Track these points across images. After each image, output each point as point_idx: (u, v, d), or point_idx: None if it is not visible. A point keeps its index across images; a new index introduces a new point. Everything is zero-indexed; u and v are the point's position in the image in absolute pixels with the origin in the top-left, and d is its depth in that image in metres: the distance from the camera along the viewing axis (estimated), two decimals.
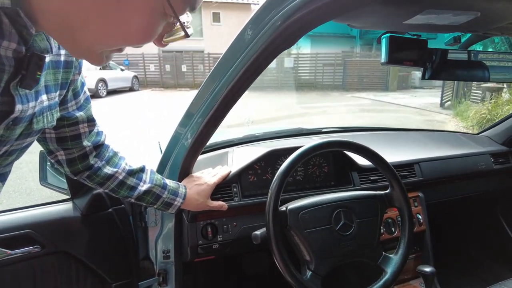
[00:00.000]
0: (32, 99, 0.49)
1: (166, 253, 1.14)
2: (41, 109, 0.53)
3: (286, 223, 0.92)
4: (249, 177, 1.20)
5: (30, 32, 0.41)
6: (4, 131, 0.47)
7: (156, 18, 0.41)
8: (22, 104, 0.46)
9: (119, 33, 0.42)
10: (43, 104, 0.53)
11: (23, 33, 0.41)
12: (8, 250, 0.91)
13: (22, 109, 0.47)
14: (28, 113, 0.49)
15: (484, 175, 1.62)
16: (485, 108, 7.27)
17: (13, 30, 0.40)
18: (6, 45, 0.40)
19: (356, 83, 14.87)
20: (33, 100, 0.49)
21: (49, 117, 0.57)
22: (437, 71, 1.01)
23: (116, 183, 0.86)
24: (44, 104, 0.53)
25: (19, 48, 0.42)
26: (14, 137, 0.50)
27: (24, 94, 0.47)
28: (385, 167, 1.02)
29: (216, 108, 0.87)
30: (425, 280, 1.18)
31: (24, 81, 0.44)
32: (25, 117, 0.49)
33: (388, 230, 1.31)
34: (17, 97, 0.45)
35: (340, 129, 1.82)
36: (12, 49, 0.41)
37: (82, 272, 1.07)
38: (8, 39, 0.40)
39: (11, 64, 0.42)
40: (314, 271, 0.91)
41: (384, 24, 0.78)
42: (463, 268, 1.92)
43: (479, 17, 0.64)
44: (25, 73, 0.43)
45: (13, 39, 0.40)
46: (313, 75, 15.40)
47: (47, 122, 0.56)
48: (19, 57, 0.42)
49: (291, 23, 0.54)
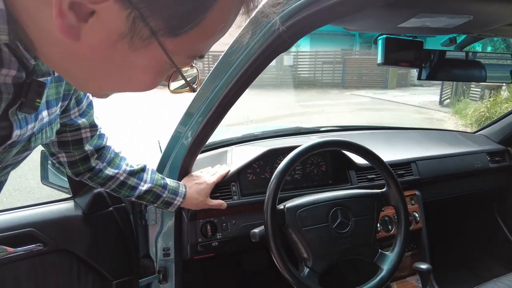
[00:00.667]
0: (31, 121, 0.48)
1: (166, 250, 1.15)
2: (40, 127, 0.52)
3: (284, 221, 0.94)
4: (248, 176, 1.22)
5: (30, 63, 0.41)
6: (1, 154, 0.46)
7: (161, 74, 0.41)
8: (20, 129, 0.46)
9: (122, 87, 0.41)
10: (43, 121, 0.52)
11: (23, 61, 0.40)
12: (11, 248, 0.92)
13: (20, 134, 0.46)
14: (26, 134, 0.48)
15: (480, 174, 1.63)
16: (484, 106, 7.29)
17: (13, 58, 0.39)
18: (5, 72, 0.39)
19: (355, 81, 14.87)
20: (32, 122, 0.49)
21: (48, 133, 0.56)
22: (434, 71, 1.03)
23: (117, 184, 0.88)
24: (44, 120, 0.53)
25: (19, 74, 0.41)
26: (11, 156, 0.49)
27: (23, 118, 0.46)
28: (381, 166, 1.04)
29: (216, 107, 0.88)
30: (421, 276, 1.21)
31: (23, 108, 0.43)
32: (23, 139, 0.48)
33: (385, 228, 1.33)
34: (15, 123, 0.44)
35: (338, 128, 1.83)
36: (12, 76, 0.40)
37: (83, 269, 1.09)
38: (8, 67, 0.39)
39: (10, 91, 0.41)
40: (311, 268, 0.92)
41: (379, 27, 0.79)
42: (460, 265, 1.94)
43: (472, 20, 0.66)
44: (24, 100, 0.42)
45: (13, 66, 0.39)
46: (313, 73, 15.40)
47: (45, 138, 0.56)
48: (19, 82, 0.42)
49: (288, 27, 0.56)
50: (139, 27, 0.33)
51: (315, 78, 15.26)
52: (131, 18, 0.32)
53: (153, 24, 0.33)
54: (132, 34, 0.34)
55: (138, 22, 0.33)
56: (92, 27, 0.33)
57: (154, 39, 0.34)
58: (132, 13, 0.32)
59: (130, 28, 0.33)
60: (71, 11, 0.31)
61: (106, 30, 0.33)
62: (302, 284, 0.89)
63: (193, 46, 0.38)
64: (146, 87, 0.41)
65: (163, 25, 0.34)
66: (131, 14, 0.32)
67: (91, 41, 0.34)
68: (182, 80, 0.44)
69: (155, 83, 0.41)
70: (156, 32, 0.34)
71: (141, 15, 0.32)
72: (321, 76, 15.31)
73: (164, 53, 0.36)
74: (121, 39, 0.34)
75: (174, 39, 0.35)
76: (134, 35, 0.34)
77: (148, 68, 0.38)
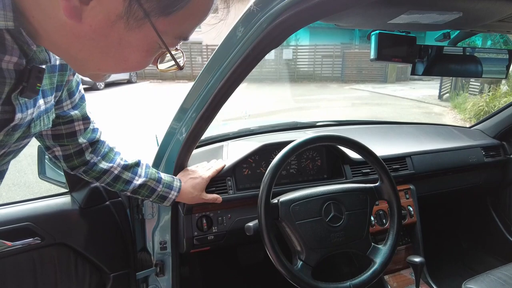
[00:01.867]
0: (30, 106, 0.52)
1: (163, 244, 1.17)
2: (38, 114, 0.55)
3: (277, 215, 0.95)
4: (243, 171, 1.23)
5: (31, 48, 0.44)
6: (4, 137, 0.49)
7: (151, 52, 0.44)
8: (21, 113, 0.49)
9: (119, 66, 0.45)
10: (40, 109, 0.56)
11: (24, 48, 0.43)
12: (9, 242, 0.94)
13: (21, 117, 0.49)
14: (27, 119, 0.51)
15: (475, 168, 1.65)
16: (483, 101, 7.28)
17: (15, 46, 0.42)
18: (8, 59, 0.42)
19: (354, 75, 14.83)
20: (31, 107, 0.52)
21: (45, 120, 0.59)
22: (429, 67, 1.03)
23: (112, 178, 0.89)
24: (41, 108, 0.56)
25: (20, 61, 0.44)
26: (13, 141, 0.52)
27: (24, 103, 0.49)
28: (374, 160, 1.05)
29: (209, 103, 0.89)
30: (414, 270, 1.23)
31: (25, 92, 0.46)
32: (24, 123, 0.51)
33: (379, 221, 1.35)
34: (17, 106, 0.48)
35: (335, 123, 1.84)
36: (14, 63, 0.43)
37: (81, 263, 1.11)
38: (10, 54, 0.42)
39: (12, 77, 0.44)
40: (304, 261, 0.94)
41: (369, 24, 0.80)
42: (454, 258, 1.97)
43: (462, 16, 0.66)
44: (26, 85, 0.46)
45: (14, 53, 0.43)
46: (312, 67, 15.34)
47: (43, 125, 0.59)
48: (20, 69, 0.45)
49: (277, 25, 0.56)
50: (134, 9, 0.38)
51: (314, 72, 15.21)
52: (128, 1, 0.37)
53: (146, 6, 0.38)
54: (128, 15, 0.38)
55: (133, 3, 0.37)
56: (93, 9, 0.37)
57: (147, 19, 0.39)
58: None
59: (126, 10, 0.38)
60: None
61: (105, 12, 0.38)
62: (295, 277, 0.90)
63: (180, 26, 0.43)
64: (139, 65, 0.45)
65: (156, 5, 0.38)
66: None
67: (91, 22, 0.38)
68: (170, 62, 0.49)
69: (147, 62, 0.46)
70: (149, 13, 0.39)
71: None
72: (320, 70, 15.25)
73: (155, 32, 0.40)
74: (118, 20, 0.39)
75: (164, 18, 0.40)
76: (130, 16, 0.38)
77: (141, 47, 0.43)
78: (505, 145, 1.74)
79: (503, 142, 1.74)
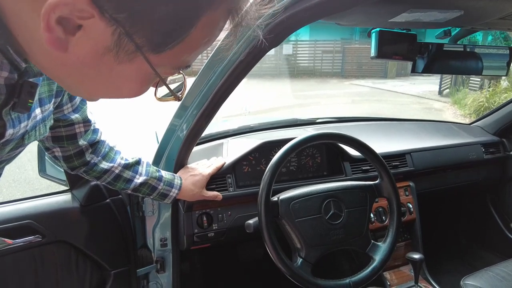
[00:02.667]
0: (24, 119, 0.49)
1: (163, 241, 1.17)
2: (34, 125, 0.53)
3: (277, 212, 0.96)
4: (243, 168, 1.23)
5: (21, 65, 0.42)
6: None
7: (146, 82, 0.42)
8: (13, 128, 0.47)
9: (112, 94, 0.42)
10: (36, 119, 0.53)
11: (14, 62, 0.41)
12: (10, 240, 0.94)
13: (13, 132, 0.47)
14: (20, 133, 0.49)
15: (474, 165, 1.65)
16: (483, 96, 7.27)
17: (4, 61, 0.40)
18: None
19: (355, 70, 14.79)
20: (25, 120, 0.50)
21: (41, 130, 0.57)
22: (429, 64, 1.03)
23: (113, 177, 0.89)
24: (38, 118, 0.54)
25: (11, 75, 0.42)
26: (5, 153, 0.50)
27: (16, 117, 0.47)
28: (374, 158, 1.05)
29: (210, 100, 0.89)
30: (413, 266, 1.23)
31: (16, 108, 0.44)
32: (17, 137, 0.49)
33: (379, 219, 1.35)
34: (8, 122, 0.45)
35: (335, 120, 1.84)
36: (4, 77, 0.41)
37: (82, 260, 1.11)
38: (0, 69, 0.40)
39: (2, 92, 0.42)
40: (304, 259, 0.94)
41: (370, 22, 0.80)
42: (453, 254, 1.98)
43: (463, 14, 0.66)
44: (17, 100, 0.44)
45: (4, 68, 0.40)
46: (312, 62, 15.29)
47: (39, 134, 0.57)
48: (11, 83, 0.43)
49: (278, 23, 0.56)
50: (124, 42, 0.34)
51: (315, 68, 15.17)
52: (117, 34, 0.33)
53: (138, 41, 0.34)
54: (118, 48, 0.35)
55: (123, 37, 0.34)
56: (79, 40, 0.34)
57: (140, 53, 0.35)
58: (117, 30, 0.33)
59: (115, 43, 0.34)
60: (59, 25, 0.32)
61: (92, 44, 0.34)
62: (295, 274, 0.91)
63: (178, 59, 0.39)
64: (133, 94, 0.43)
65: (147, 42, 0.35)
66: (116, 31, 0.33)
67: (78, 52, 0.35)
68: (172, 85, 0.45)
69: (142, 91, 0.43)
70: (141, 48, 0.35)
71: (126, 32, 0.33)
72: (320, 66, 15.20)
73: (149, 65, 0.37)
74: (108, 52, 0.35)
75: (158, 55, 0.36)
76: (120, 49, 0.35)
77: (135, 78, 0.40)
78: (505, 142, 1.74)
79: (503, 139, 1.74)
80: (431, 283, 1.40)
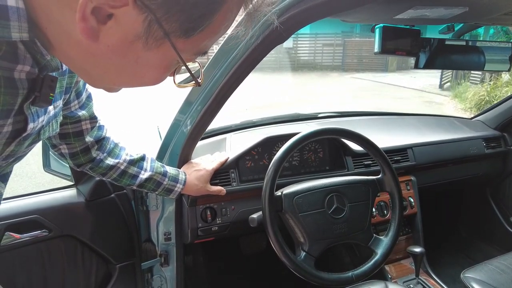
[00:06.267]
0: (41, 114, 0.51)
1: (167, 235, 1.19)
2: (48, 120, 0.54)
3: (281, 207, 0.97)
4: (247, 163, 1.24)
5: (45, 58, 0.43)
6: (15, 147, 0.48)
7: (168, 69, 0.44)
8: (33, 122, 0.48)
9: (135, 82, 0.44)
10: (49, 114, 0.54)
11: (37, 57, 0.42)
12: (17, 234, 0.95)
13: (33, 126, 0.48)
14: (38, 127, 0.51)
15: (475, 159, 1.66)
16: (484, 90, 7.25)
17: (27, 55, 0.41)
18: (20, 68, 0.41)
19: (355, 64, 14.75)
20: (42, 115, 0.51)
21: (54, 125, 0.58)
22: (432, 60, 1.03)
23: (118, 173, 0.90)
24: (51, 114, 0.55)
25: (33, 70, 0.42)
26: (23, 149, 0.51)
27: (35, 111, 0.48)
28: (376, 153, 1.06)
29: (214, 96, 0.89)
30: (414, 259, 1.25)
31: (37, 102, 0.45)
32: (35, 131, 0.50)
33: (381, 212, 1.36)
34: (29, 116, 0.46)
35: (337, 114, 1.84)
36: (26, 72, 0.42)
37: (88, 254, 1.13)
38: (23, 63, 0.41)
39: (25, 86, 0.43)
40: (307, 252, 0.96)
41: (375, 19, 0.80)
42: (453, 248, 2.00)
43: (468, 10, 0.66)
44: (38, 94, 0.45)
45: (27, 62, 0.41)
46: (313, 56, 15.24)
47: (52, 130, 0.58)
48: (33, 78, 0.43)
49: (284, 21, 0.56)
50: (154, 29, 0.36)
51: (315, 61, 15.11)
52: (147, 21, 0.35)
53: (167, 27, 0.36)
54: (147, 35, 0.36)
55: (153, 24, 0.35)
56: (110, 29, 0.35)
57: (167, 39, 0.37)
58: (148, 17, 0.34)
59: (145, 30, 0.36)
60: (92, 15, 0.33)
61: (123, 32, 0.36)
62: (298, 267, 0.92)
63: (200, 44, 0.41)
64: (156, 81, 0.44)
65: (178, 28, 0.36)
66: (147, 18, 0.35)
67: (108, 41, 0.37)
68: (186, 73, 0.46)
69: (163, 78, 0.45)
70: (169, 34, 0.37)
71: (157, 19, 0.35)
72: (321, 59, 15.15)
73: (175, 51, 0.38)
74: (137, 40, 0.37)
75: (186, 39, 0.38)
76: (149, 36, 0.37)
77: (159, 64, 0.41)
78: (506, 136, 1.75)
79: (504, 134, 1.75)
80: (432, 276, 1.41)
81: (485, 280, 1.18)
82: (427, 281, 1.34)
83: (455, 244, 2.01)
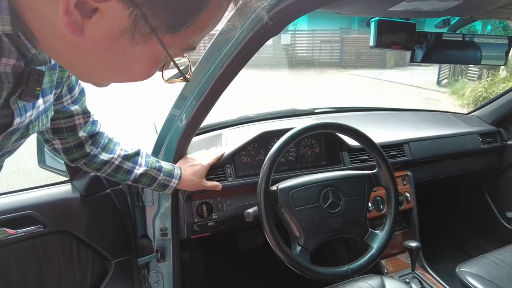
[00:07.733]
0: (29, 109, 0.50)
1: (164, 231, 1.19)
2: (37, 115, 0.54)
3: (276, 201, 0.97)
4: (243, 158, 1.24)
5: (30, 51, 0.42)
6: (1, 141, 0.48)
7: (156, 64, 0.43)
8: (20, 117, 0.47)
9: (123, 77, 0.43)
10: (39, 109, 0.54)
11: (22, 50, 0.41)
12: (11, 230, 0.95)
13: (20, 121, 0.48)
14: (25, 122, 0.50)
15: (471, 155, 1.66)
16: (481, 86, 7.26)
17: (12, 48, 0.40)
18: (5, 61, 0.40)
19: (353, 60, 14.72)
20: (30, 109, 0.50)
21: (44, 120, 0.57)
22: (428, 54, 1.03)
23: (113, 168, 0.90)
24: (40, 108, 0.54)
25: (18, 63, 0.42)
26: (10, 143, 0.51)
27: (22, 106, 0.47)
28: (372, 148, 1.06)
29: (208, 90, 0.89)
30: (410, 254, 1.25)
31: (24, 96, 0.45)
32: (22, 126, 0.50)
33: (377, 207, 1.36)
34: (16, 111, 0.46)
35: (333, 110, 1.84)
36: (11, 65, 0.41)
37: (83, 249, 1.12)
38: (7, 56, 0.40)
39: (10, 80, 0.42)
40: (303, 247, 0.96)
41: (369, 11, 0.79)
42: (449, 242, 2.01)
43: (462, 3, 0.66)
44: (24, 88, 0.44)
45: (12, 55, 0.40)
46: (310, 52, 15.19)
47: (41, 125, 0.57)
48: (19, 72, 0.43)
49: (275, 13, 0.56)
50: (140, 24, 0.35)
51: (313, 58, 15.08)
52: (133, 16, 0.35)
53: (153, 22, 0.35)
54: (133, 30, 0.36)
55: (139, 19, 0.35)
56: (95, 23, 0.35)
57: (154, 35, 0.37)
58: (134, 12, 0.34)
59: (131, 25, 0.35)
60: (76, 9, 0.33)
61: (108, 26, 0.35)
62: (294, 262, 0.92)
63: (188, 40, 0.40)
64: (144, 77, 0.44)
65: (164, 23, 0.36)
66: (133, 13, 0.34)
67: (94, 36, 0.36)
68: (175, 69, 0.46)
69: (152, 73, 0.44)
70: (155, 29, 0.36)
71: (143, 14, 0.34)
72: (319, 56, 15.11)
73: (162, 47, 0.38)
74: (123, 35, 0.36)
75: (172, 35, 0.38)
76: (135, 32, 0.36)
77: (146, 60, 0.41)
78: (502, 131, 1.75)
79: (500, 129, 1.75)
80: (428, 271, 1.42)
81: (480, 274, 1.18)
82: (423, 275, 1.34)
83: (451, 239, 2.02)
